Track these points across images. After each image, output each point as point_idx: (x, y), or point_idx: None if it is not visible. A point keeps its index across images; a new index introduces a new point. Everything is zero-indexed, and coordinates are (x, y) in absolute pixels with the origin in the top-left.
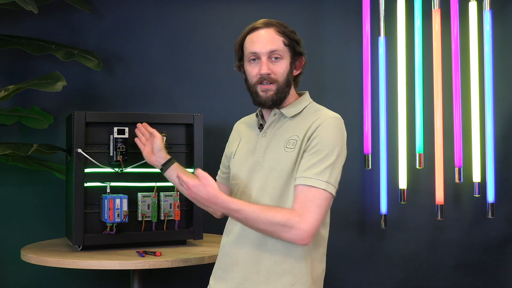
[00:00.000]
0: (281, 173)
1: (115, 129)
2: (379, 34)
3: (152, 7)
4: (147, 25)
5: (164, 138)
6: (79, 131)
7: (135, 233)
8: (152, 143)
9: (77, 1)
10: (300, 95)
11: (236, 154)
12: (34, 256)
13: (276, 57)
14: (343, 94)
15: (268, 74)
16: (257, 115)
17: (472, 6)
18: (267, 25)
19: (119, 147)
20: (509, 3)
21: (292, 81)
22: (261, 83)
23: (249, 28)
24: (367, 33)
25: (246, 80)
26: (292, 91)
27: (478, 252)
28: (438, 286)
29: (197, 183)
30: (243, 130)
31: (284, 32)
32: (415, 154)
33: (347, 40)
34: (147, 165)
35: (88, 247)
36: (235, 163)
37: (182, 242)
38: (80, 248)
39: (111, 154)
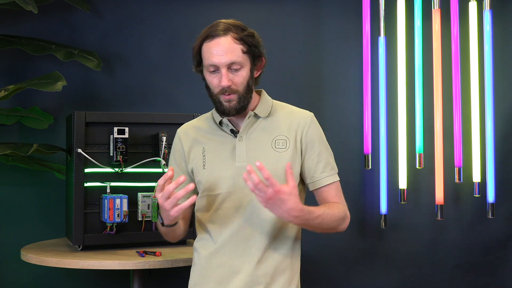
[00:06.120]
0: (276, 172)
1: (115, 129)
2: (379, 34)
3: (152, 7)
4: (147, 25)
5: (164, 138)
6: (79, 131)
7: (135, 233)
8: None
9: (77, 1)
10: (257, 93)
11: (206, 164)
12: (34, 256)
13: (235, 68)
14: (343, 94)
15: (229, 86)
16: (220, 122)
17: (472, 6)
18: (225, 31)
19: (119, 147)
20: (509, 3)
21: (253, 84)
22: (223, 94)
23: (206, 34)
24: (367, 33)
25: (207, 87)
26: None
27: (478, 252)
28: (438, 286)
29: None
30: (199, 137)
31: (242, 38)
32: (415, 154)
33: (347, 40)
34: (147, 165)
35: (88, 247)
36: (209, 174)
37: (182, 242)
38: (80, 248)
39: (111, 154)
